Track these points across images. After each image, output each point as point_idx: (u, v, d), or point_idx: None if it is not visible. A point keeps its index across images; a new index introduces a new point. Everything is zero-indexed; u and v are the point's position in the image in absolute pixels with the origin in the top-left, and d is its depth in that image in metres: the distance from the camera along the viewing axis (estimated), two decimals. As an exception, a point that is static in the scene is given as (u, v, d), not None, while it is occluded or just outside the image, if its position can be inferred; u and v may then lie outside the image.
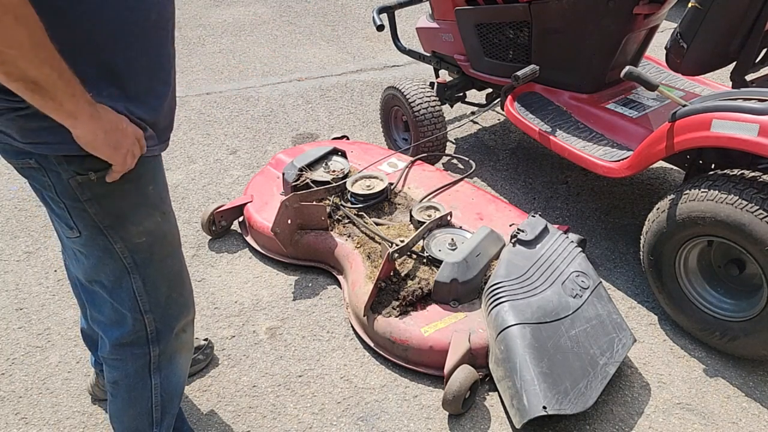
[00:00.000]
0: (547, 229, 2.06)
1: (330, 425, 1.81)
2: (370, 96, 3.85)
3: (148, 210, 1.26)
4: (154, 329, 1.37)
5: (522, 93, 2.66)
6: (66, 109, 0.98)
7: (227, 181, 3.03)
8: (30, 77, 0.92)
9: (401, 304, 1.98)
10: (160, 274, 1.34)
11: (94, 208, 1.19)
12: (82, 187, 1.15)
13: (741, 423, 1.79)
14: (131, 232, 1.25)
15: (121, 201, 1.21)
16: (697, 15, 2.09)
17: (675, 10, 2.79)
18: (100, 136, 1.05)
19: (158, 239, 1.30)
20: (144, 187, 1.24)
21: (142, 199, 1.25)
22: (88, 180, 1.14)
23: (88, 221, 1.21)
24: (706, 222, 1.82)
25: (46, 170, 1.14)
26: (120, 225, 1.23)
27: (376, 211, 2.40)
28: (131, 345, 1.37)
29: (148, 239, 1.28)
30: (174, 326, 1.41)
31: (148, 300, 1.33)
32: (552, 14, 2.47)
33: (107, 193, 1.18)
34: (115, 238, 1.24)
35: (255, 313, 2.22)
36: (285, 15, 5.29)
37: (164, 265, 1.34)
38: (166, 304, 1.37)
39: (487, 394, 1.88)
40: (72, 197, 1.17)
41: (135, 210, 1.24)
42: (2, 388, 1.95)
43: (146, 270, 1.30)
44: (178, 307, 1.41)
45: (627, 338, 1.87)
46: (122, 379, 1.41)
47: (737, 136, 1.74)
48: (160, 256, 1.32)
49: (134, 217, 1.24)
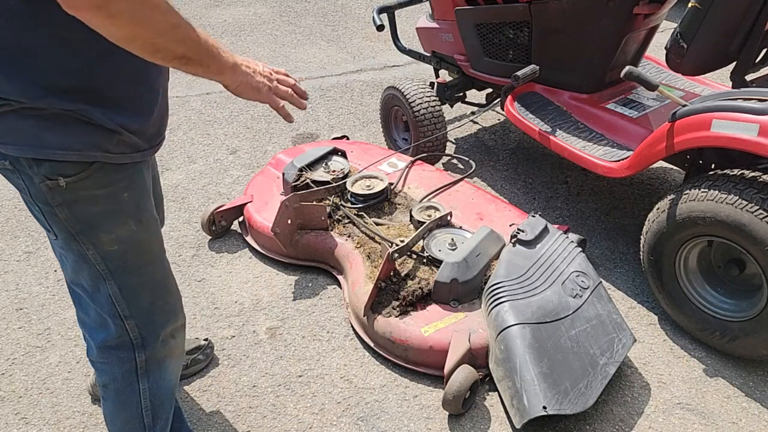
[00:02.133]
0: (547, 229, 2.06)
1: (330, 425, 1.81)
2: (370, 96, 3.85)
3: (122, 218, 1.23)
4: (138, 335, 1.35)
5: (522, 93, 2.66)
6: (213, 69, 1.10)
7: (227, 181, 3.03)
8: (179, 54, 1.03)
9: (401, 304, 1.98)
10: (139, 281, 1.31)
11: (65, 213, 1.18)
12: (53, 192, 1.14)
13: (741, 423, 1.79)
14: (102, 240, 1.23)
15: (92, 207, 1.19)
16: (697, 15, 2.09)
17: (675, 10, 2.79)
18: (243, 83, 1.17)
19: (132, 248, 1.27)
20: (117, 193, 1.21)
21: (115, 206, 1.22)
22: (58, 185, 1.13)
23: (61, 226, 1.20)
24: (706, 222, 1.82)
25: (20, 173, 1.14)
26: (91, 232, 1.21)
27: (376, 211, 2.40)
28: (116, 349, 1.36)
29: (121, 247, 1.25)
30: (160, 333, 1.38)
31: (127, 306, 1.31)
32: (552, 14, 2.47)
33: (77, 198, 1.17)
34: (87, 245, 1.22)
35: (255, 313, 2.22)
36: (285, 15, 5.29)
37: (143, 273, 1.32)
38: (150, 311, 1.35)
39: (487, 394, 1.88)
40: (44, 201, 1.16)
41: (107, 217, 1.21)
42: (2, 388, 1.95)
43: (121, 278, 1.28)
44: (164, 314, 1.38)
45: (627, 338, 1.87)
46: (110, 383, 1.41)
47: (737, 136, 1.74)
48: (135, 264, 1.29)
49: (106, 225, 1.22)
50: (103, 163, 1.15)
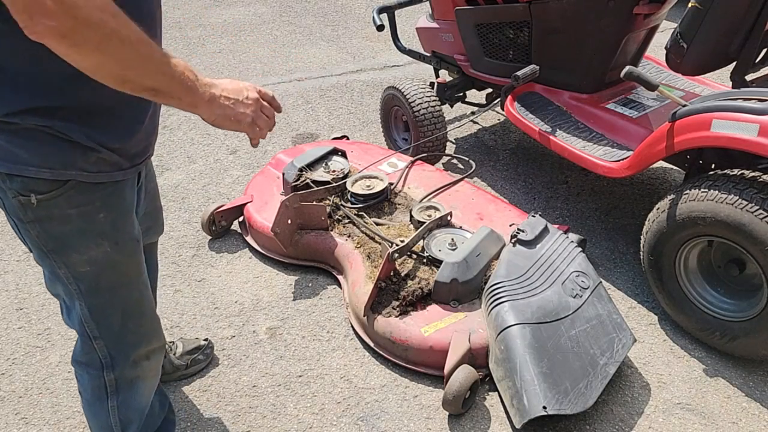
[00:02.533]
0: (547, 229, 2.06)
1: (330, 425, 1.81)
2: (370, 96, 3.85)
3: (96, 239, 1.19)
4: (106, 355, 1.32)
5: (522, 93, 2.66)
6: (185, 102, 1.04)
7: (227, 181, 3.03)
8: (148, 86, 0.98)
9: (401, 304, 1.98)
10: (110, 303, 1.28)
11: (36, 230, 1.15)
12: (24, 207, 1.12)
13: (741, 423, 1.79)
14: (74, 260, 1.19)
15: (65, 226, 1.15)
16: (697, 15, 2.09)
17: (675, 10, 2.79)
18: (220, 115, 1.10)
19: (105, 270, 1.23)
20: (92, 213, 1.17)
21: (89, 226, 1.17)
22: (29, 202, 1.10)
23: (33, 242, 1.17)
24: (706, 222, 1.82)
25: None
26: (63, 251, 1.18)
27: (376, 211, 2.40)
28: (85, 365, 1.34)
29: (94, 269, 1.21)
30: (131, 354, 1.35)
31: (96, 327, 1.28)
32: (552, 14, 2.47)
33: (50, 216, 1.13)
34: (58, 263, 1.19)
35: (255, 313, 2.22)
36: (285, 15, 5.29)
37: (115, 295, 1.28)
38: (121, 332, 1.31)
39: (487, 394, 1.88)
40: (17, 216, 1.14)
41: (80, 237, 1.17)
42: (2, 388, 1.95)
43: (92, 299, 1.25)
44: (136, 337, 1.35)
45: (627, 338, 1.87)
46: (83, 392, 1.40)
47: (737, 136, 1.74)
48: (108, 285, 1.25)
49: (78, 245, 1.18)
50: (78, 181, 1.12)
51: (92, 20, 0.86)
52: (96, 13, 0.87)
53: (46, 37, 0.86)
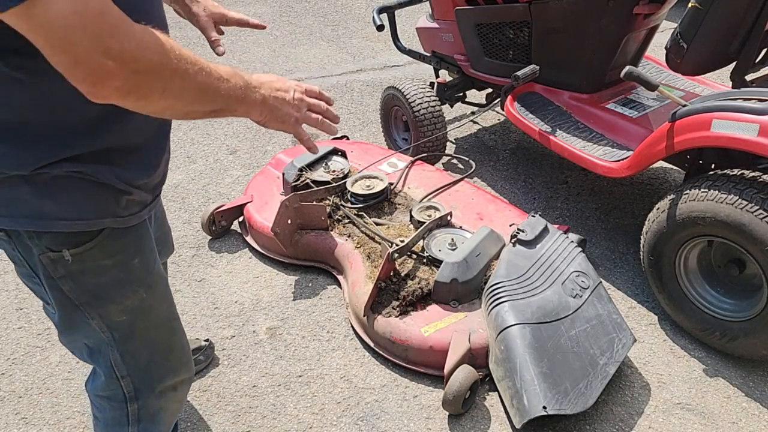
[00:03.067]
0: (547, 229, 2.06)
1: (330, 425, 1.81)
2: (370, 96, 3.85)
3: (132, 287, 1.14)
4: (131, 390, 1.26)
5: (522, 93, 2.66)
6: (240, 112, 1.03)
7: (227, 181, 3.03)
8: (209, 111, 0.98)
9: (401, 304, 1.98)
10: (142, 345, 1.23)
11: (68, 286, 1.08)
12: (55, 264, 1.04)
13: (741, 423, 1.79)
14: (110, 311, 1.14)
15: (101, 278, 1.09)
16: (697, 15, 2.09)
17: (675, 10, 2.78)
18: (269, 116, 1.08)
19: (141, 316, 1.19)
20: (128, 261, 1.12)
21: (125, 274, 1.12)
22: (62, 258, 1.04)
23: (63, 298, 1.10)
24: (706, 222, 1.82)
25: (16, 244, 1.04)
26: (97, 303, 1.12)
27: (376, 211, 2.40)
28: (108, 398, 1.29)
29: (130, 317, 1.17)
30: (156, 387, 1.29)
31: (125, 368, 1.23)
32: (552, 14, 2.47)
33: (84, 270, 1.07)
34: (92, 314, 1.13)
35: (255, 313, 2.22)
36: (285, 15, 5.29)
37: (147, 336, 1.23)
38: (147, 367, 1.26)
39: (487, 394, 1.88)
40: (45, 274, 1.06)
41: (116, 287, 1.12)
42: (2, 388, 1.95)
43: (125, 345, 1.20)
44: (161, 371, 1.29)
45: (627, 338, 1.87)
46: (100, 417, 1.35)
47: (737, 136, 1.74)
48: (142, 329, 1.21)
49: (115, 296, 1.12)
50: (111, 228, 1.06)
51: (154, 68, 0.84)
52: (155, 58, 0.84)
53: (111, 98, 0.83)
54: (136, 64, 0.82)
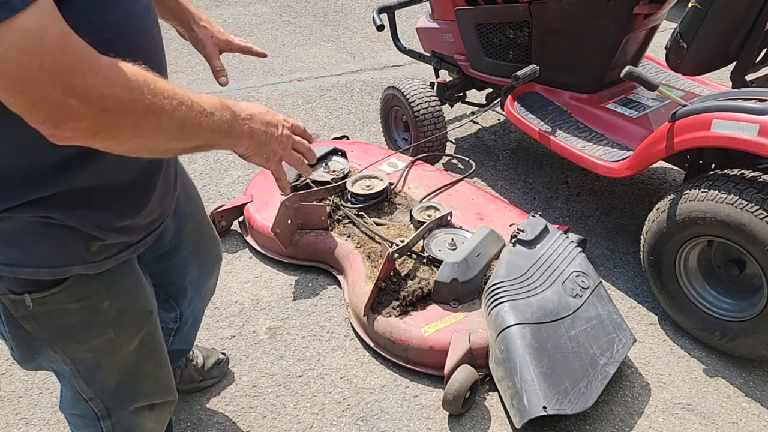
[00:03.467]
0: (547, 229, 2.06)
1: (330, 425, 1.81)
2: (370, 96, 3.85)
3: (100, 328, 1.06)
4: (102, 408, 1.20)
5: (522, 93, 2.66)
6: (226, 145, 0.96)
7: (227, 181, 3.03)
8: (191, 147, 0.91)
9: (401, 304, 1.98)
10: (109, 375, 1.16)
11: (31, 325, 1.01)
12: (16, 305, 0.98)
13: (741, 423, 1.79)
14: (74, 350, 1.07)
15: (65, 319, 1.02)
16: (697, 15, 2.09)
17: (675, 10, 2.79)
18: (254, 151, 1.00)
19: (108, 353, 1.12)
20: (97, 304, 1.04)
21: (93, 317, 1.04)
22: (22, 301, 0.97)
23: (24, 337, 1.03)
24: (706, 222, 1.82)
25: None
26: (60, 341, 1.05)
27: (376, 211, 2.40)
28: (80, 416, 1.24)
29: (95, 355, 1.10)
30: (128, 406, 1.23)
31: (92, 392, 1.16)
32: (552, 14, 2.47)
33: (47, 312, 1.00)
34: (55, 349, 1.06)
35: (255, 313, 2.22)
36: (285, 15, 5.29)
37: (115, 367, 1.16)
38: (116, 391, 1.19)
39: (487, 394, 1.88)
40: (5, 313, 1.00)
41: (82, 329, 1.05)
42: (2, 388, 1.95)
43: (90, 375, 1.13)
44: (131, 394, 1.23)
45: (627, 338, 1.87)
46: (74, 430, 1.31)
47: (737, 136, 1.74)
48: (109, 363, 1.14)
49: (80, 336, 1.05)
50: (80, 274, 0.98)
51: (123, 106, 0.76)
52: (125, 94, 0.76)
53: (75, 139, 0.75)
54: (103, 101, 0.73)
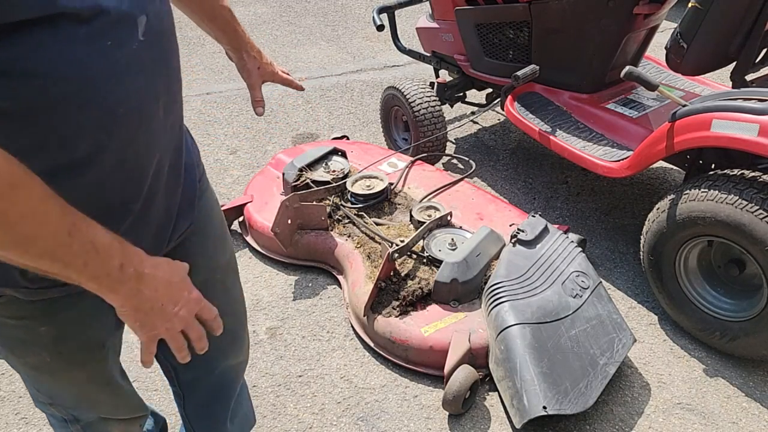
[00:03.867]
0: (547, 229, 2.06)
1: (330, 425, 1.81)
2: (370, 96, 3.85)
3: (35, 349, 1.01)
4: (66, 413, 1.18)
5: (522, 93, 2.66)
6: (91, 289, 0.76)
7: (227, 181, 3.03)
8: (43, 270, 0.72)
9: (401, 304, 1.98)
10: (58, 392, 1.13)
11: None
12: None
13: (741, 423, 1.79)
14: (13, 361, 1.06)
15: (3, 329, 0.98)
16: (697, 15, 2.09)
17: (675, 10, 2.79)
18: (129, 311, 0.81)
19: (47, 374, 1.07)
20: (34, 327, 0.96)
21: (29, 337, 0.99)
22: None
23: None
24: (706, 222, 1.83)
25: None
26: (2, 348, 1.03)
27: (376, 211, 2.40)
28: (51, 415, 1.23)
29: (35, 372, 1.07)
30: (92, 417, 1.20)
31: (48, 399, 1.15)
32: (552, 14, 2.47)
33: None
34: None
35: (255, 313, 2.22)
36: (285, 15, 5.29)
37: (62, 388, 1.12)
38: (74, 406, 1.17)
39: (487, 394, 1.88)
40: None
41: (18, 345, 1.01)
42: (2, 388, 1.95)
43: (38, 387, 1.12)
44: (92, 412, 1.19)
45: (627, 338, 1.87)
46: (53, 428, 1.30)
47: (737, 136, 1.74)
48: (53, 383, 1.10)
49: (16, 350, 1.02)
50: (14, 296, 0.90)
51: None
52: None
53: None
54: None
